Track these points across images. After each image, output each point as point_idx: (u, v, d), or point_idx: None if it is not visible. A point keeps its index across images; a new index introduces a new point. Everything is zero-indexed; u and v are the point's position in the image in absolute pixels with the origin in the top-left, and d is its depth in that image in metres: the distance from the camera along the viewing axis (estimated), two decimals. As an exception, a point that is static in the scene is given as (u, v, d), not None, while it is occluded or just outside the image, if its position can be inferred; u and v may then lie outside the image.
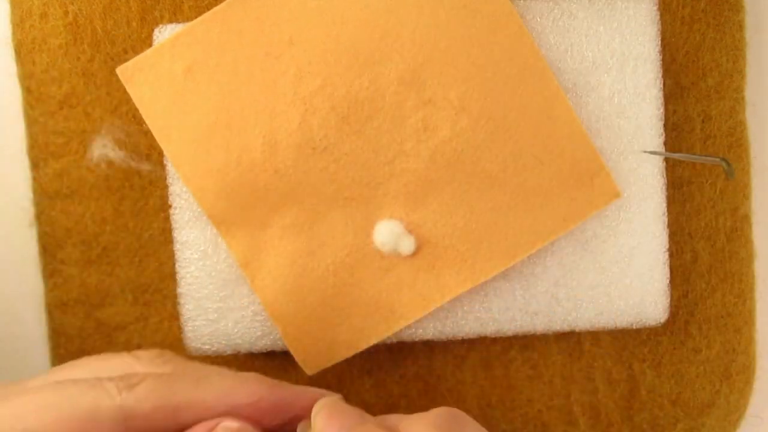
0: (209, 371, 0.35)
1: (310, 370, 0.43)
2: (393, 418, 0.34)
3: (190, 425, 0.33)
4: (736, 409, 0.47)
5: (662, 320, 0.44)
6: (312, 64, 0.41)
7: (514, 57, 0.41)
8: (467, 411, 0.45)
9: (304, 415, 0.35)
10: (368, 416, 0.34)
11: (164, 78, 0.41)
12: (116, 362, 0.35)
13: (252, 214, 0.42)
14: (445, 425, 0.32)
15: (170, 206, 0.43)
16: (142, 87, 0.41)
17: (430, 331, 0.44)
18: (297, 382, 0.44)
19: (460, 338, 0.44)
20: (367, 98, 0.41)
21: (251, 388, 0.34)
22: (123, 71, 0.41)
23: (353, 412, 0.34)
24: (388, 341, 0.43)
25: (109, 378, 0.32)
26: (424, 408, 0.45)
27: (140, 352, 0.35)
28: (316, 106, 0.41)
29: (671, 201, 0.44)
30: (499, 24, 0.41)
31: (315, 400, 0.35)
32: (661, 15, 0.43)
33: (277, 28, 0.40)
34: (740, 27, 0.45)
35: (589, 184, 0.42)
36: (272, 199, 0.41)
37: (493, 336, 0.44)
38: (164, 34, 0.42)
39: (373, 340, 0.43)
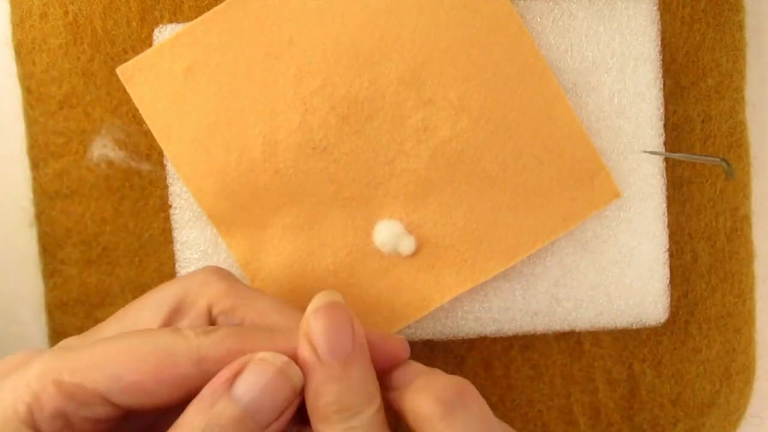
0: (272, 312, 0.36)
1: None
2: (411, 372, 0.34)
3: None
4: (736, 409, 0.47)
5: (662, 320, 0.44)
6: (312, 64, 0.41)
7: (514, 57, 0.41)
8: (467, 411, 0.45)
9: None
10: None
11: (164, 78, 0.41)
12: (173, 289, 0.36)
13: (252, 214, 0.42)
14: (449, 403, 0.32)
15: (170, 206, 0.43)
16: (142, 87, 0.41)
17: (430, 331, 0.44)
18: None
19: (460, 338, 0.44)
20: (367, 98, 0.41)
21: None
22: (123, 71, 0.41)
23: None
24: (389, 341, 0.43)
25: (187, 326, 0.33)
26: (424, 408, 0.45)
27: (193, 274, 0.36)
28: (316, 106, 0.41)
29: (671, 201, 0.44)
30: (499, 24, 0.41)
31: (394, 349, 0.35)
32: (661, 15, 0.43)
33: (277, 28, 0.40)
34: (740, 27, 0.45)
35: (589, 184, 0.42)
36: (272, 199, 0.41)
37: (493, 336, 0.44)
38: (164, 34, 0.42)
39: (373, 341, 0.43)
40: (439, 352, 0.46)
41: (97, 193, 0.45)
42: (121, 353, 0.31)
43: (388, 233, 0.41)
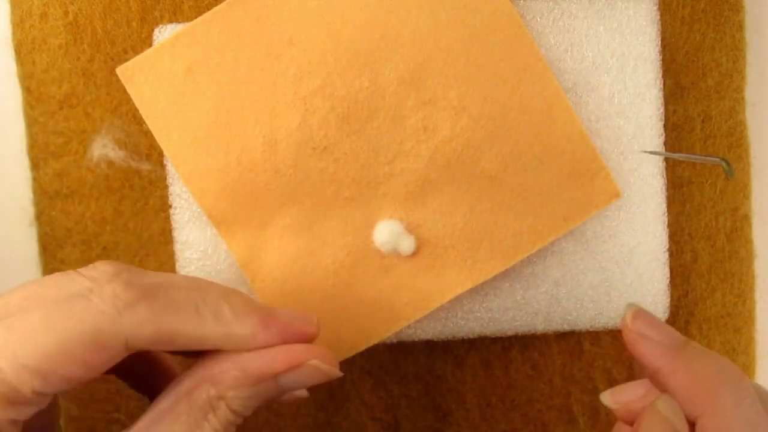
0: (201, 292, 0.35)
1: None
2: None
3: (188, 348, 0.33)
4: (736, 409, 0.47)
5: (662, 320, 0.44)
6: (312, 64, 0.41)
7: (514, 57, 0.41)
8: (467, 411, 0.45)
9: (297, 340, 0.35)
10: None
11: (164, 78, 0.41)
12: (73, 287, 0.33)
13: (252, 214, 0.42)
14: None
15: (170, 206, 0.43)
16: (142, 87, 0.41)
17: (430, 331, 0.44)
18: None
19: (460, 338, 0.44)
20: (367, 98, 0.41)
21: (247, 324, 0.34)
22: (123, 71, 0.41)
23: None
24: (388, 341, 0.43)
25: (98, 292, 0.32)
26: (424, 408, 0.45)
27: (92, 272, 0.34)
28: (316, 106, 0.41)
29: (671, 201, 0.44)
30: (499, 24, 0.40)
31: (305, 332, 0.35)
32: (661, 15, 0.43)
33: (277, 28, 0.40)
34: (740, 27, 0.46)
35: (589, 184, 0.42)
36: (272, 199, 0.41)
37: (493, 336, 0.44)
38: (164, 34, 0.42)
39: (373, 341, 0.43)
40: (439, 352, 0.46)
41: (97, 193, 0.45)
42: (45, 344, 0.30)
43: (388, 233, 0.41)
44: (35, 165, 0.45)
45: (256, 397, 0.34)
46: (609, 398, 0.36)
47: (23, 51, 0.45)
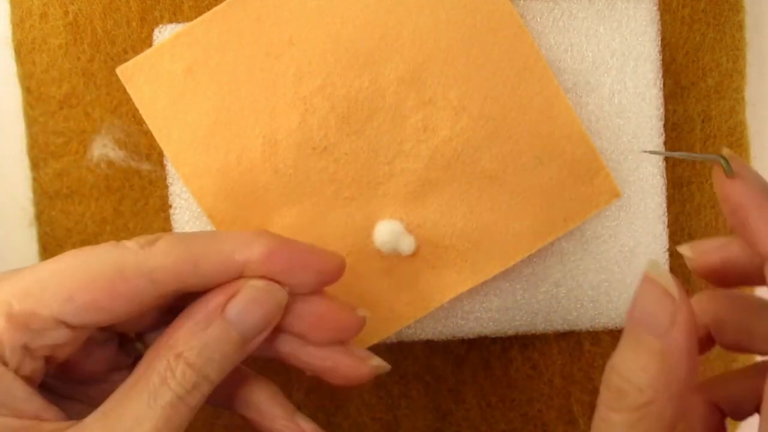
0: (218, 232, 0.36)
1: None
2: None
3: (210, 277, 0.33)
4: (736, 409, 0.47)
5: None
6: (312, 64, 0.41)
7: (514, 57, 0.41)
8: (467, 411, 0.45)
9: (313, 274, 0.35)
10: None
11: (164, 78, 0.41)
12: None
13: (252, 214, 0.42)
14: None
15: (170, 206, 0.43)
16: (142, 87, 0.41)
17: (430, 331, 0.44)
18: (297, 382, 0.44)
19: (460, 338, 0.44)
20: (367, 98, 0.41)
21: (264, 241, 0.34)
22: (123, 71, 0.41)
23: None
24: (388, 341, 0.43)
25: (127, 240, 0.33)
26: (424, 408, 0.45)
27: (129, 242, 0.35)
28: (316, 106, 0.41)
29: (671, 201, 0.44)
30: (499, 24, 0.40)
31: (327, 261, 0.36)
32: (661, 15, 0.43)
33: (277, 28, 0.40)
34: (740, 27, 0.46)
35: (589, 184, 0.42)
36: (272, 199, 0.41)
37: (493, 336, 0.44)
38: (164, 34, 0.42)
39: (373, 341, 0.42)
40: (438, 352, 0.46)
41: (97, 193, 0.45)
42: (70, 273, 0.31)
43: (388, 233, 0.41)
44: (35, 165, 0.45)
45: (210, 344, 0.32)
46: (688, 249, 0.35)
47: (23, 51, 0.45)
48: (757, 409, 0.32)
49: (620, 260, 0.43)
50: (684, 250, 0.35)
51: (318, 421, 0.45)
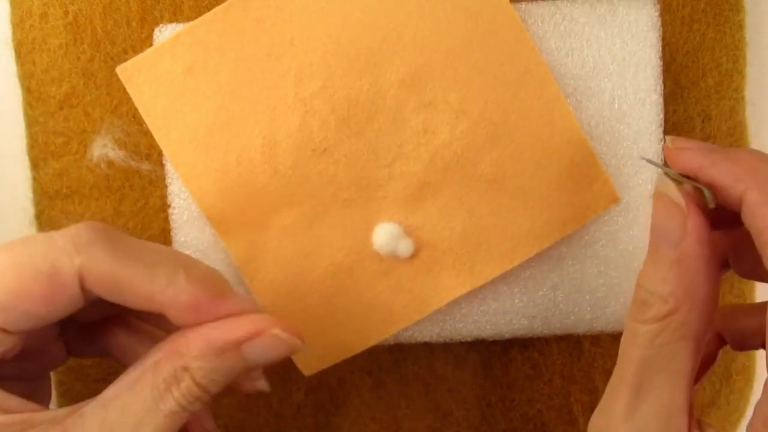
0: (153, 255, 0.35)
1: (307, 371, 0.43)
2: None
3: (134, 306, 0.33)
4: (736, 409, 0.47)
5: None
6: (313, 66, 0.40)
7: (514, 60, 0.41)
8: (467, 411, 0.45)
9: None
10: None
11: (164, 78, 0.41)
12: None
13: (251, 215, 0.42)
14: None
15: (169, 206, 0.43)
16: (142, 87, 0.41)
17: (428, 334, 0.44)
18: (295, 383, 0.45)
19: (458, 341, 0.44)
20: (368, 100, 0.41)
21: (191, 291, 0.34)
22: (123, 71, 0.41)
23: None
24: (386, 343, 0.43)
25: (62, 235, 0.33)
26: (424, 408, 0.45)
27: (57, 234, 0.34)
28: (316, 108, 0.41)
29: (671, 201, 0.44)
30: (500, 27, 0.40)
31: (249, 320, 0.35)
32: (661, 15, 0.43)
33: (278, 29, 0.40)
34: (740, 27, 0.45)
35: (588, 189, 0.42)
36: (271, 200, 0.41)
37: (492, 339, 0.44)
38: (164, 34, 0.42)
39: (371, 343, 0.43)
40: (438, 352, 0.46)
41: (97, 193, 0.45)
42: (6, 280, 0.31)
43: (386, 235, 0.41)
44: (35, 165, 0.45)
45: (220, 370, 0.33)
46: (670, 140, 0.35)
47: (23, 51, 0.45)
48: (762, 345, 0.33)
49: (619, 265, 0.43)
50: (668, 141, 0.35)
51: (318, 421, 0.45)
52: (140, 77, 0.41)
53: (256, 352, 0.34)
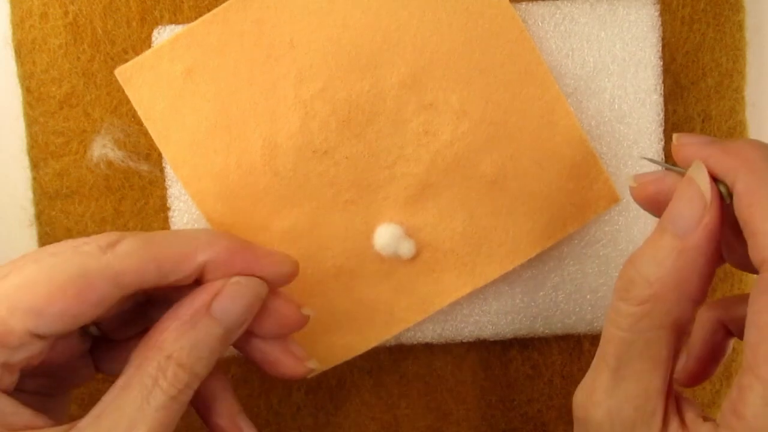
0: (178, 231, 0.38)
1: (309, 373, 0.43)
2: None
3: (172, 276, 0.35)
4: (735, 409, 0.47)
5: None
6: (313, 67, 0.40)
7: (515, 61, 0.41)
8: (467, 411, 0.45)
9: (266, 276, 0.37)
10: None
11: (163, 80, 0.41)
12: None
13: (251, 217, 0.41)
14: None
15: (169, 209, 0.43)
16: (141, 89, 0.41)
17: (429, 334, 0.44)
18: (295, 383, 0.45)
19: (459, 341, 0.44)
20: (368, 102, 0.41)
21: (224, 242, 0.36)
22: (121, 72, 0.41)
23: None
24: (387, 344, 0.43)
25: (86, 241, 0.34)
26: (424, 408, 0.45)
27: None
28: (316, 109, 0.41)
29: (671, 201, 0.44)
30: (501, 28, 0.40)
31: (282, 264, 0.38)
32: (661, 15, 0.43)
33: (278, 31, 0.40)
34: (740, 27, 0.45)
35: (589, 189, 0.42)
36: (272, 202, 0.41)
37: (492, 339, 0.44)
38: (163, 35, 0.42)
39: (372, 344, 0.43)
40: (438, 352, 0.46)
41: (97, 193, 0.45)
42: (37, 287, 0.32)
43: (388, 237, 0.41)
44: (35, 165, 0.45)
45: (199, 342, 0.34)
46: (632, 179, 0.35)
47: (23, 51, 0.45)
48: None
49: (619, 264, 0.43)
50: (629, 180, 0.35)
51: (318, 421, 0.45)
52: (139, 79, 0.41)
53: (225, 309, 0.35)
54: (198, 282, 0.36)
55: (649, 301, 0.30)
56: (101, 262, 0.33)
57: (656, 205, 0.34)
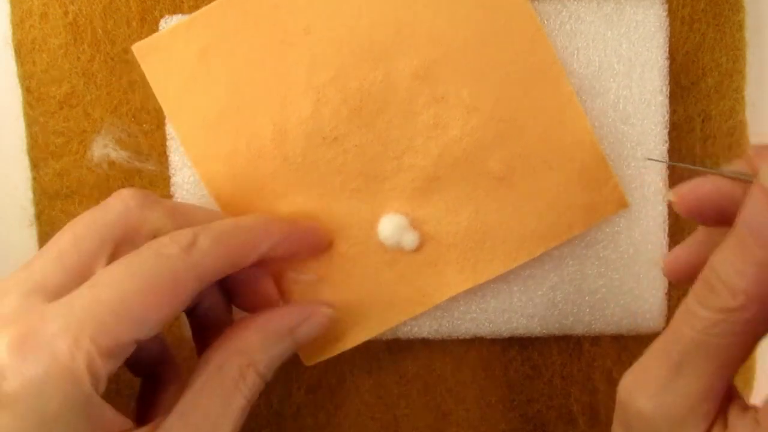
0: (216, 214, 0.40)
1: (308, 361, 0.43)
2: None
3: (241, 266, 0.37)
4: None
5: (659, 328, 0.44)
6: (326, 55, 0.41)
7: (529, 58, 0.41)
8: (467, 411, 0.45)
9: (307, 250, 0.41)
10: None
11: (178, 59, 0.41)
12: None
13: (259, 201, 0.42)
14: None
15: (172, 196, 0.43)
16: (156, 67, 0.41)
17: (427, 330, 0.44)
18: (295, 383, 0.45)
19: (456, 338, 0.44)
20: (380, 92, 0.41)
21: (279, 229, 0.38)
22: (138, 49, 0.41)
23: None
24: (386, 338, 0.43)
25: (164, 244, 0.34)
26: (424, 408, 0.45)
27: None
28: (328, 97, 0.41)
29: (671, 201, 0.44)
30: (517, 24, 0.40)
31: (322, 238, 0.41)
32: (662, 15, 0.43)
33: (293, 17, 0.40)
34: (740, 27, 0.45)
35: (597, 192, 0.41)
36: (279, 186, 0.41)
37: (490, 337, 0.44)
38: (170, 24, 0.42)
39: (372, 334, 0.43)
40: (438, 352, 0.46)
41: (98, 193, 0.45)
42: (136, 297, 0.33)
43: (392, 227, 0.41)
44: (35, 165, 0.45)
45: (278, 356, 0.37)
46: (671, 194, 0.34)
47: (23, 51, 0.45)
48: None
49: (619, 267, 0.43)
50: (669, 195, 0.34)
51: (318, 421, 0.45)
52: (155, 57, 0.41)
53: (308, 334, 0.39)
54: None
55: (729, 311, 0.29)
56: (187, 264, 0.34)
57: (703, 213, 0.33)
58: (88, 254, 0.35)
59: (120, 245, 0.35)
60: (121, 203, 0.36)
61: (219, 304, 0.40)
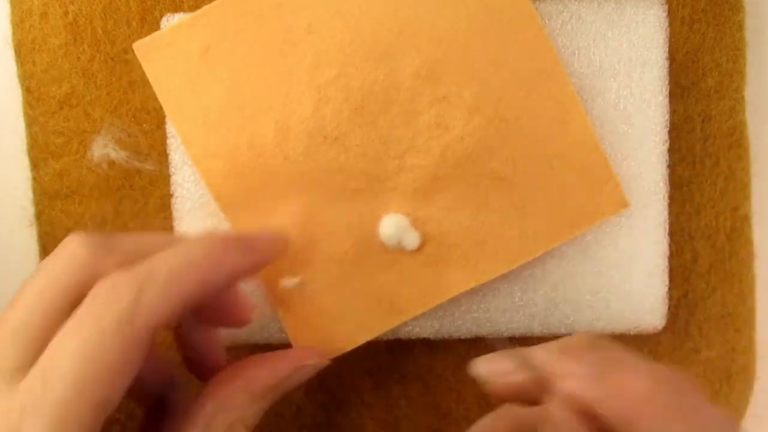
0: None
1: None
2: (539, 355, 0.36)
3: (198, 301, 0.34)
4: (736, 409, 0.47)
5: (660, 328, 0.44)
6: (329, 54, 0.41)
7: (531, 59, 0.41)
8: (467, 411, 0.45)
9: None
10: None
11: (180, 57, 0.41)
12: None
13: (259, 200, 0.41)
14: (596, 360, 0.34)
15: (172, 195, 0.43)
16: (158, 65, 0.41)
17: (427, 330, 0.44)
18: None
19: (456, 338, 0.44)
20: (382, 91, 0.41)
21: (234, 244, 0.36)
22: (139, 47, 0.41)
23: None
24: (386, 338, 0.43)
25: (104, 314, 0.32)
26: (424, 408, 0.45)
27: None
28: (330, 96, 0.41)
29: (671, 201, 0.44)
30: (519, 25, 0.40)
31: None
32: (662, 15, 0.43)
33: (296, 16, 0.41)
34: (740, 27, 0.46)
35: (598, 193, 0.42)
36: (280, 185, 0.41)
37: (491, 337, 0.44)
38: (172, 22, 0.42)
39: (372, 335, 0.43)
40: (438, 352, 0.46)
41: (97, 193, 0.45)
42: (92, 385, 0.31)
43: (393, 227, 0.41)
44: (35, 165, 0.45)
45: (265, 407, 0.38)
46: (482, 366, 0.37)
47: (23, 51, 0.45)
48: None
49: (619, 266, 0.43)
50: (478, 369, 0.37)
51: (318, 421, 0.45)
52: (156, 55, 0.41)
53: (293, 383, 0.39)
54: None
55: None
56: (134, 328, 0.32)
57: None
58: (42, 328, 0.33)
59: (75, 301, 0.33)
60: (70, 259, 0.33)
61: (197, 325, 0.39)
